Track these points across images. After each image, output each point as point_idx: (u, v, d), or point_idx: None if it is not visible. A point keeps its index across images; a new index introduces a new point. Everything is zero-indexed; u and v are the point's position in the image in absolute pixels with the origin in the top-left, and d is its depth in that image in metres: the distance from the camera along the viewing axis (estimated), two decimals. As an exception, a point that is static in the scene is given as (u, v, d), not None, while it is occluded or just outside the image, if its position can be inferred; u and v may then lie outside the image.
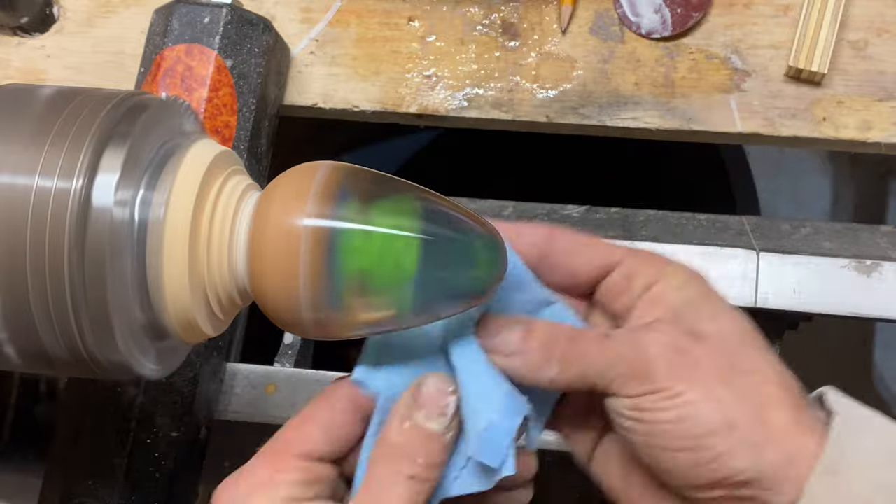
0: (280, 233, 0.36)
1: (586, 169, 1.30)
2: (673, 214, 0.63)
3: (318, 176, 0.37)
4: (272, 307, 0.37)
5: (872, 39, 0.64)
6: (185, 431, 0.55)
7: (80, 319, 0.35)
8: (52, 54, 0.69)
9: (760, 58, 0.64)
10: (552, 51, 0.66)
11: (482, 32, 0.66)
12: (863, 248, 0.59)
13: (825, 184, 1.35)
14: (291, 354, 0.63)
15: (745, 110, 0.63)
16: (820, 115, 0.63)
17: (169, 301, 0.37)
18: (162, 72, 0.58)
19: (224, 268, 0.37)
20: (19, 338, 0.36)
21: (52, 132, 0.35)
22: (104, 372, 0.37)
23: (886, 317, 0.58)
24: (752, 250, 0.59)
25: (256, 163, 0.60)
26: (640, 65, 0.65)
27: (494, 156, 1.26)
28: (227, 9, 0.59)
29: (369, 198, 0.36)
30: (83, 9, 0.70)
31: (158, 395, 0.55)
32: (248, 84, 0.59)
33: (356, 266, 0.35)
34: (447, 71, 0.66)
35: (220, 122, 0.58)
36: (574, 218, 0.62)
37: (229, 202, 0.38)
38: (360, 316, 0.37)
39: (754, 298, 0.58)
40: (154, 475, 0.54)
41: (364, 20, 0.67)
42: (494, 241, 0.38)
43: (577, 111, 0.64)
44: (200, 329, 0.38)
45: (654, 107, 0.64)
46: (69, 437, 0.54)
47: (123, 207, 0.35)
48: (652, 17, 0.65)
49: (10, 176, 0.35)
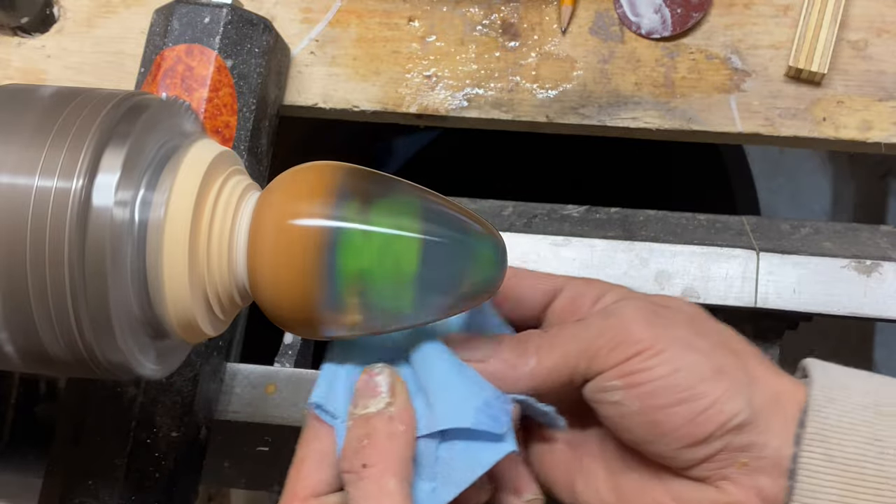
0: (280, 233, 0.36)
1: (586, 169, 1.30)
2: (673, 214, 0.63)
3: (318, 176, 0.37)
4: (272, 307, 0.37)
5: (872, 39, 0.64)
6: (185, 431, 0.55)
7: (80, 319, 0.35)
8: (52, 54, 0.69)
9: (760, 58, 0.64)
10: (552, 51, 0.66)
11: (482, 32, 0.66)
12: (863, 248, 0.59)
13: (825, 184, 1.35)
14: (291, 354, 0.63)
15: (745, 110, 0.63)
16: (820, 115, 0.63)
17: (169, 301, 0.37)
18: (162, 72, 0.58)
19: (224, 268, 0.37)
20: (19, 337, 0.36)
21: (53, 132, 0.35)
22: (104, 372, 0.37)
23: (886, 317, 0.58)
24: (752, 250, 0.59)
25: (256, 163, 0.60)
26: (640, 65, 0.65)
27: (494, 156, 1.26)
28: (228, 9, 0.59)
29: (369, 198, 0.36)
30: (83, 9, 0.70)
31: (158, 395, 0.55)
32: (248, 84, 0.59)
33: (356, 266, 0.36)
34: (447, 71, 0.66)
35: (221, 122, 0.58)
36: (574, 218, 0.62)
37: (229, 202, 0.38)
38: (359, 316, 0.37)
39: (754, 298, 0.58)
40: (154, 475, 0.54)
41: (364, 20, 0.67)
42: (494, 241, 0.38)
43: (577, 111, 0.64)
44: (200, 329, 0.38)
45: (654, 107, 0.64)
46: (69, 437, 0.54)
47: (123, 207, 0.35)
48: (652, 17, 0.65)
49: (11, 176, 0.35)
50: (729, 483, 0.39)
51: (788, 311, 0.58)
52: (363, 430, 0.36)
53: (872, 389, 0.39)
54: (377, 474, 0.35)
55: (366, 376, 0.38)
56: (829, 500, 0.37)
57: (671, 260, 0.59)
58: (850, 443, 0.37)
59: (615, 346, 0.38)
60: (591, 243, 0.60)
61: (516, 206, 0.63)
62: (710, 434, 0.38)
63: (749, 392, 0.38)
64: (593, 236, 0.60)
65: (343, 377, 0.39)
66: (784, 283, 0.58)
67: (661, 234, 0.61)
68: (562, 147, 1.05)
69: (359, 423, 0.37)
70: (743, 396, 0.38)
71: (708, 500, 0.39)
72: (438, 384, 0.38)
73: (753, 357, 0.40)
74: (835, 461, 0.37)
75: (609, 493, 0.42)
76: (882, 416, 0.38)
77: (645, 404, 0.38)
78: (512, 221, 0.62)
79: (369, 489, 0.35)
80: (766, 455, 0.38)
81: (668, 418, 0.38)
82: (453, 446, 0.37)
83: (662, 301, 0.41)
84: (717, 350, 0.39)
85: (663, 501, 0.40)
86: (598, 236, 0.60)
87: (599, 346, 0.39)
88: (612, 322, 0.39)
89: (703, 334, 0.40)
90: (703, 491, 0.39)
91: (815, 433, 0.38)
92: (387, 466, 0.35)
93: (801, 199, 1.36)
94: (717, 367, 0.38)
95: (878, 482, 0.37)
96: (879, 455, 0.37)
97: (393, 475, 0.35)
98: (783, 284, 0.58)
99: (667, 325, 0.39)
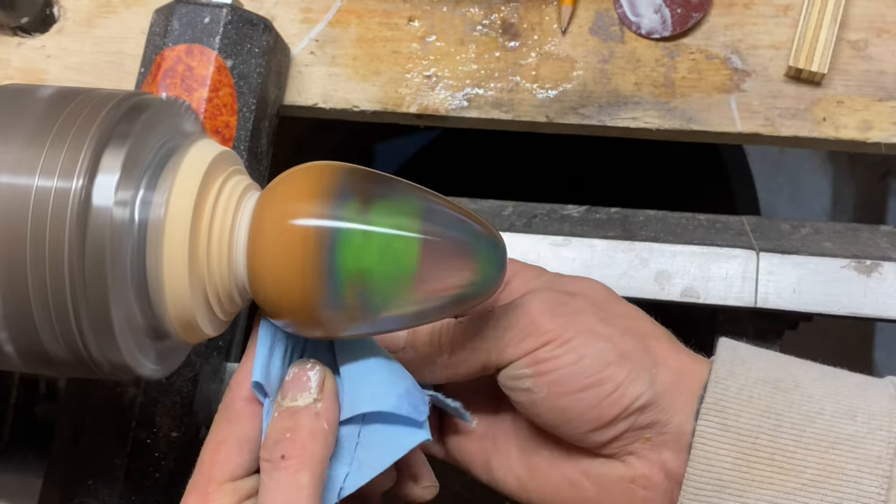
0: (280, 233, 0.36)
1: (586, 169, 1.30)
2: (673, 214, 0.63)
3: (318, 176, 0.37)
4: (272, 307, 0.37)
5: (872, 39, 0.64)
6: (185, 431, 0.55)
7: (80, 319, 0.35)
8: (52, 54, 0.69)
9: (760, 58, 0.64)
10: (552, 51, 0.66)
11: (482, 32, 0.66)
12: (863, 248, 0.59)
13: (825, 184, 1.35)
14: (291, 354, 0.63)
15: (745, 110, 0.63)
16: (820, 115, 0.63)
17: (169, 301, 0.37)
18: (162, 72, 0.58)
19: (224, 267, 0.37)
20: (19, 337, 0.36)
21: (52, 132, 0.35)
22: (104, 372, 0.37)
23: (886, 317, 0.58)
24: (752, 250, 0.59)
25: (256, 163, 0.60)
26: (640, 65, 0.65)
27: (494, 156, 1.26)
28: (228, 9, 0.59)
29: (369, 198, 0.36)
30: (83, 9, 0.70)
31: (158, 395, 0.55)
32: (248, 84, 0.59)
33: (356, 266, 0.36)
34: (447, 71, 0.66)
35: (221, 122, 0.58)
36: (574, 218, 0.62)
37: (229, 202, 0.38)
38: (359, 316, 0.37)
39: (754, 298, 0.58)
40: (154, 475, 0.54)
41: (364, 20, 0.67)
42: (494, 241, 0.38)
43: (577, 111, 0.64)
44: (200, 329, 0.38)
45: (654, 107, 0.64)
46: (69, 437, 0.54)
47: (123, 207, 0.35)
48: (652, 17, 0.65)
49: (10, 176, 0.35)
50: (634, 458, 0.41)
51: (788, 311, 0.58)
52: (288, 422, 0.37)
53: (776, 367, 0.41)
54: (293, 467, 0.36)
55: (297, 370, 0.38)
56: (723, 468, 0.39)
57: (671, 260, 0.59)
58: (746, 414, 0.39)
59: (524, 337, 0.40)
60: (591, 243, 0.60)
61: (516, 206, 0.63)
62: (615, 417, 0.40)
63: (651, 374, 0.40)
64: (593, 236, 0.60)
65: (278, 357, 0.40)
66: (784, 283, 0.58)
67: (661, 234, 0.61)
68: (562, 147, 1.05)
69: (284, 414, 0.37)
70: (645, 379, 0.40)
71: (615, 474, 0.42)
72: (363, 369, 0.39)
73: (658, 339, 0.42)
74: (730, 431, 0.39)
75: (522, 470, 0.44)
76: (780, 391, 0.39)
77: (553, 391, 0.40)
78: (512, 221, 0.62)
79: (282, 480, 0.36)
80: (669, 431, 0.40)
81: (574, 404, 0.40)
82: (373, 431, 0.39)
83: (570, 287, 0.43)
84: (621, 335, 0.41)
85: (573, 477, 0.43)
86: (598, 236, 0.60)
87: (510, 337, 0.41)
88: (519, 314, 0.41)
89: (608, 320, 0.41)
90: (610, 466, 0.42)
91: (713, 403, 0.39)
92: (304, 462, 0.36)
93: (801, 199, 1.36)
94: (621, 352, 0.40)
95: (771, 452, 0.38)
96: (775, 427, 0.39)
97: (308, 471, 0.36)
98: (783, 284, 0.58)
99: (572, 313, 0.41)
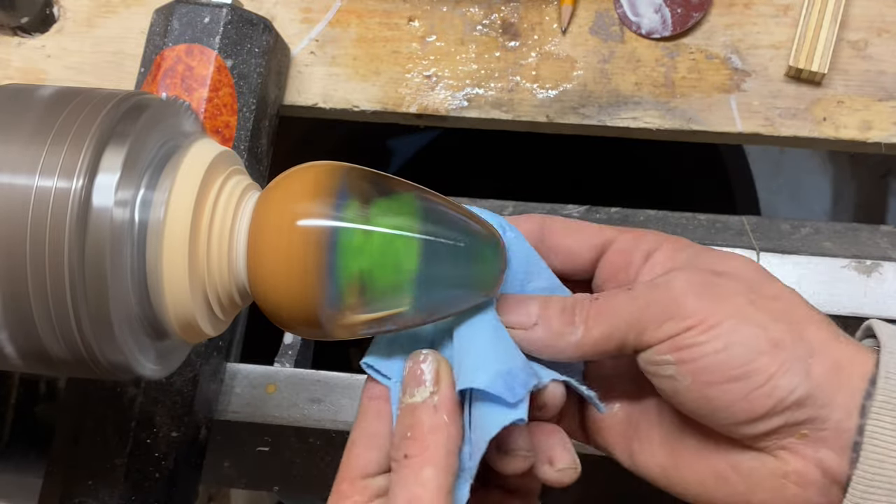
0: (280, 233, 0.36)
1: (586, 169, 1.30)
2: (673, 214, 0.63)
3: (318, 176, 0.37)
4: (272, 307, 0.37)
5: (872, 39, 0.64)
6: (185, 431, 0.55)
7: (80, 319, 0.35)
8: (52, 54, 0.69)
9: (760, 58, 0.64)
10: (552, 51, 0.66)
11: (482, 32, 0.66)
12: (863, 248, 0.59)
13: (825, 184, 1.35)
14: (291, 354, 0.63)
15: (745, 110, 0.63)
16: (820, 115, 0.63)
17: (169, 301, 0.37)
18: (162, 72, 0.58)
19: (224, 268, 0.37)
20: (19, 337, 0.36)
21: (52, 132, 0.35)
22: (104, 372, 0.37)
23: (886, 317, 0.57)
24: (752, 250, 0.59)
25: (256, 163, 0.60)
26: (640, 65, 0.65)
27: (494, 156, 1.26)
28: (227, 9, 0.59)
29: (369, 198, 0.36)
30: (83, 9, 0.70)
31: (158, 395, 0.55)
32: (248, 84, 0.59)
33: (356, 266, 0.35)
34: (447, 71, 0.66)
35: (221, 122, 0.58)
36: (574, 218, 0.62)
37: (229, 202, 0.38)
38: (360, 316, 0.37)
39: (754, 298, 0.58)
40: (154, 475, 0.54)
41: (364, 20, 0.67)
42: (494, 240, 0.38)
43: (578, 111, 0.64)
44: (200, 329, 0.38)
45: (654, 107, 0.64)
46: (69, 437, 0.54)
47: (123, 207, 0.35)
48: (652, 17, 0.65)
49: (10, 176, 0.35)
50: (787, 452, 0.37)
51: (788, 311, 0.58)
52: (409, 419, 0.37)
53: None
54: (417, 465, 0.35)
55: (412, 363, 0.38)
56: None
57: (671, 260, 0.59)
58: None
59: (665, 319, 0.37)
60: (591, 243, 0.60)
61: (516, 206, 0.63)
62: (767, 411, 0.36)
63: (807, 365, 0.36)
64: (593, 236, 0.60)
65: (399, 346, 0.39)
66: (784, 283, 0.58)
67: (661, 234, 0.60)
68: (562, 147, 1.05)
69: (405, 412, 0.37)
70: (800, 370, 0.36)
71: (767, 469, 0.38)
72: (472, 346, 0.38)
73: (815, 324, 0.38)
74: None
75: (666, 459, 0.41)
76: None
77: (697, 380, 0.37)
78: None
79: (407, 478, 0.35)
80: (828, 427, 0.36)
81: (722, 395, 0.36)
82: (476, 409, 0.37)
83: (718, 265, 0.39)
84: (773, 321, 0.37)
85: (721, 469, 0.39)
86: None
87: (649, 319, 0.37)
88: (660, 294, 0.38)
89: (759, 303, 0.37)
90: (761, 460, 0.38)
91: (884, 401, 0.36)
92: (426, 458, 0.35)
93: (801, 199, 1.36)
94: (774, 340, 0.36)
95: None
96: None
97: (432, 465, 0.35)
98: (783, 284, 0.58)
99: (720, 296, 0.37)
